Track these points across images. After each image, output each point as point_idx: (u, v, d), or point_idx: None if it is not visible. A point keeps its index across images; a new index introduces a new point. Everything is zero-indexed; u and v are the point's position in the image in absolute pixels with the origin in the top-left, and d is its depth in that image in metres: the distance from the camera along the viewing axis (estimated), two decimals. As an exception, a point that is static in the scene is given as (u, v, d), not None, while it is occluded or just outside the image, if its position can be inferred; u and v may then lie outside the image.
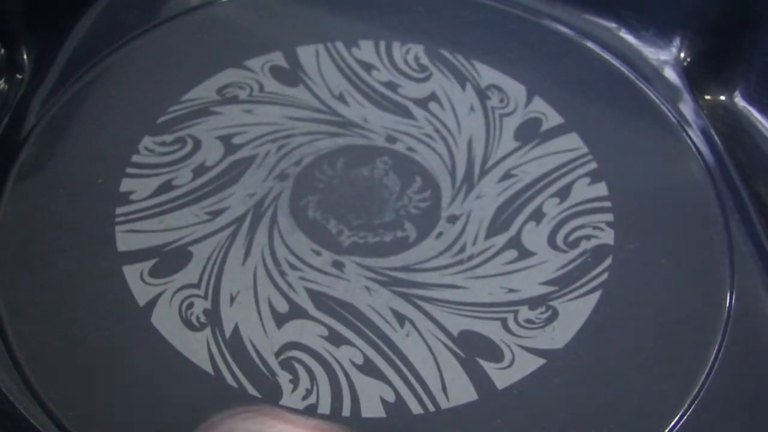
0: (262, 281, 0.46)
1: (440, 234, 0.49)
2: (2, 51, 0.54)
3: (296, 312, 0.45)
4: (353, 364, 0.44)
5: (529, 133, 0.53)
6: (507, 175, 0.51)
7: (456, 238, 0.49)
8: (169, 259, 0.47)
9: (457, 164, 0.51)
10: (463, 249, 0.48)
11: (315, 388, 0.43)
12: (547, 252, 0.48)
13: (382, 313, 0.46)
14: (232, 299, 0.46)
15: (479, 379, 0.44)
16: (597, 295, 0.47)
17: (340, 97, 0.54)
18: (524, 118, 0.54)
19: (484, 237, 0.49)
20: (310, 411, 0.42)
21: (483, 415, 0.43)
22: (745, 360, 0.45)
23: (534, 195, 0.50)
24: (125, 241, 0.47)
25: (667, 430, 0.42)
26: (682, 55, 0.57)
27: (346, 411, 0.42)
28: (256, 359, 0.44)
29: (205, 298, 0.46)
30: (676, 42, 0.57)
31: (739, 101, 0.55)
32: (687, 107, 0.55)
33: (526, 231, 0.49)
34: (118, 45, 0.56)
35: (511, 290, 0.47)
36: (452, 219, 0.49)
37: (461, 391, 0.43)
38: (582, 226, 0.49)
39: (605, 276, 0.47)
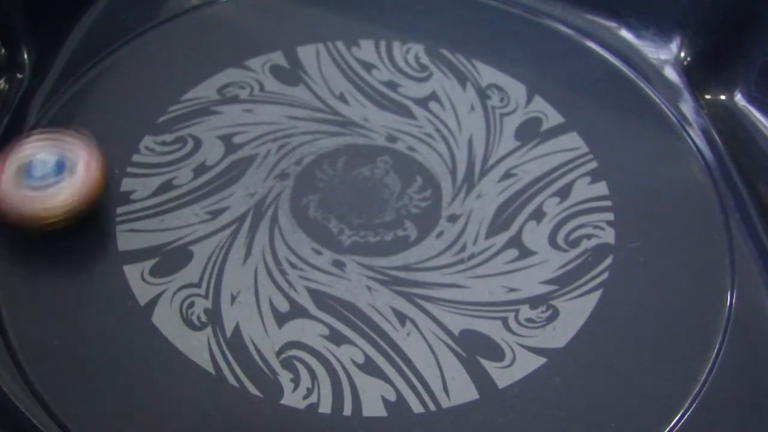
0: (263, 280, 0.46)
1: (441, 233, 0.49)
2: (2, 51, 0.54)
3: (297, 311, 0.45)
4: (354, 363, 0.44)
5: (530, 132, 0.53)
6: (507, 175, 0.51)
7: (457, 237, 0.49)
8: (169, 259, 0.47)
9: (458, 163, 0.52)
10: (463, 248, 0.48)
11: (316, 387, 0.43)
12: (548, 251, 0.48)
13: (383, 313, 0.46)
14: (233, 298, 0.46)
15: (480, 378, 0.44)
16: (597, 294, 0.47)
17: (341, 97, 0.54)
18: (524, 118, 0.54)
19: (485, 236, 0.49)
20: (311, 410, 0.42)
21: (484, 414, 0.43)
22: (745, 360, 0.45)
23: (534, 194, 0.50)
24: (126, 240, 0.47)
25: (667, 430, 0.42)
26: (682, 54, 0.57)
27: (347, 410, 0.42)
28: (257, 358, 0.44)
29: (206, 297, 0.46)
30: (676, 41, 0.57)
31: (740, 101, 0.55)
32: (687, 107, 0.55)
33: (527, 230, 0.49)
34: (118, 45, 0.56)
35: (512, 289, 0.47)
36: (453, 218, 0.49)
37: (462, 390, 0.43)
38: (582, 226, 0.49)
39: (606, 275, 0.47)
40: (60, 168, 0.45)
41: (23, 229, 0.45)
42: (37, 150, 0.46)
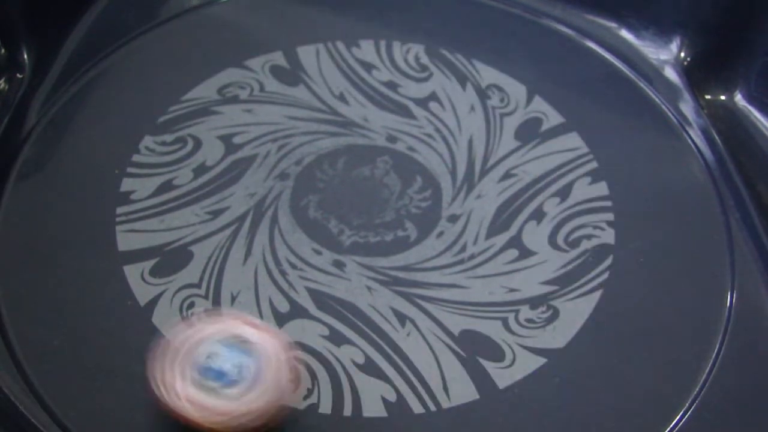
0: (263, 281, 0.46)
1: (441, 233, 0.49)
2: (2, 51, 0.54)
3: (297, 311, 0.45)
4: (354, 363, 0.44)
5: (530, 132, 0.53)
6: (507, 175, 0.51)
7: (457, 237, 0.49)
8: (169, 259, 0.47)
9: (458, 164, 0.52)
10: (463, 248, 0.48)
11: (316, 387, 0.43)
12: (548, 251, 0.48)
13: (383, 313, 0.46)
14: (233, 299, 0.46)
15: (480, 379, 0.44)
16: (598, 294, 0.47)
17: (341, 97, 0.54)
18: (525, 118, 0.54)
19: (485, 236, 0.49)
20: (312, 410, 0.42)
21: (484, 414, 0.43)
22: (746, 360, 0.45)
23: (534, 194, 0.50)
24: (126, 240, 0.47)
25: (667, 430, 0.43)
26: (683, 54, 0.57)
27: (348, 410, 0.42)
28: (257, 359, 0.44)
29: (206, 297, 0.46)
30: (676, 42, 0.57)
31: (740, 101, 0.55)
32: (687, 107, 0.55)
33: (527, 230, 0.49)
34: (118, 45, 0.56)
35: (512, 290, 0.47)
36: (453, 218, 0.49)
37: (462, 391, 0.43)
38: (583, 226, 0.49)
39: (606, 275, 0.47)
40: (243, 369, 0.39)
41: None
42: (215, 344, 0.39)
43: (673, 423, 0.43)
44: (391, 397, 0.43)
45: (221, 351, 0.39)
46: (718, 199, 0.51)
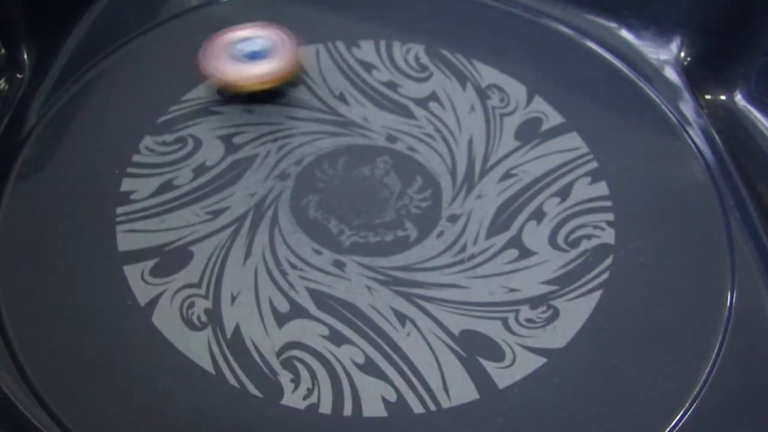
0: (263, 281, 0.46)
1: (441, 233, 0.49)
2: (2, 51, 0.54)
3: (297, 311, 0.45)
4: (354, 363, 0.44)
5: (530, 132, 0.53)
6: (507, 175, 0.51)
7: (457, 237, 0.49)
8: (170, 259, 0.47)
9: (458, 164, 0.52)
10: (463, 248, 0.48)
11: (316, 387, 0.43)
12: (548, 251, 0.48)
13: (383, 313, 0.46)
14: (233, 299, 0.46)
15: (480, 379, 0.44)
16: (598, 294, 0.47)
17: (341, 97, 0.54)
18: (525, 118, 0.54)
19: (485, 236, 0.49)
20: (312, 410, 0.42)
21: (484, 414, 0.43)
22: (746, 359, 0.45)
23: (534, 194, 0.50)
24: (126, 240, 0.47)
25: (667, 430, 0.42)
26: (683, 54, 0.57)
27: (348, 410, 0.42)
28: (258, 359, 0.44)
29: (206, 297, 0.46)
30: (676, 42, 0.57)
31: (740, 101, 0.55)
32: (687, 107, 0.55)
33: (527, 230, 0.49)
34: (118, 45, 0.56)
35: (512, 290, 0.47)
36: (453, 218, 0.49)
37: (462, 391, 0.43)
38: (583, 226, 0.49)
39: (606, 275, 0.47)
40: (263, 53, 0.53)
41: (223, 90, 0.53)
42: (252, 34, 0.54)
43: (673, 423, 0.43)
44: (391, 397, 0.43)
45: (254, 39, 0.54)
46: (718, 199, 0.51)
